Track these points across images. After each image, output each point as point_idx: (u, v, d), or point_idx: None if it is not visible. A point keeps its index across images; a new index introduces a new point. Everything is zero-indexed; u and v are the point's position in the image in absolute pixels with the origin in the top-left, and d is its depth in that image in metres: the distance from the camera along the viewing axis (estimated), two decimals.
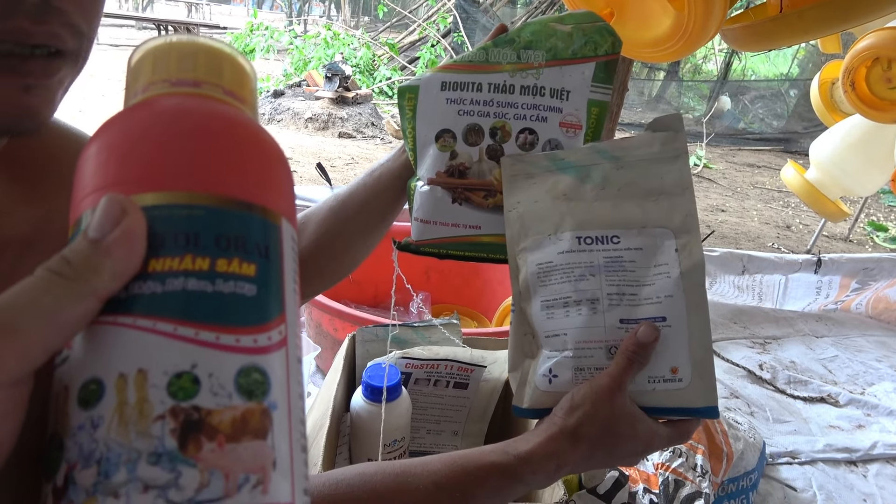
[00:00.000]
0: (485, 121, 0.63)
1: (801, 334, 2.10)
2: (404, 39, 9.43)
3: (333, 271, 0.78)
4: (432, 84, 0.65)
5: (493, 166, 0.64)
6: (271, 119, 4.94)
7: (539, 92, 0.62)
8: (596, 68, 0.62)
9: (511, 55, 0.63)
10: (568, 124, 0.62)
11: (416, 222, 0.66)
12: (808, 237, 3.52)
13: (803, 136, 6.94)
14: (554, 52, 0.62)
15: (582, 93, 0.62)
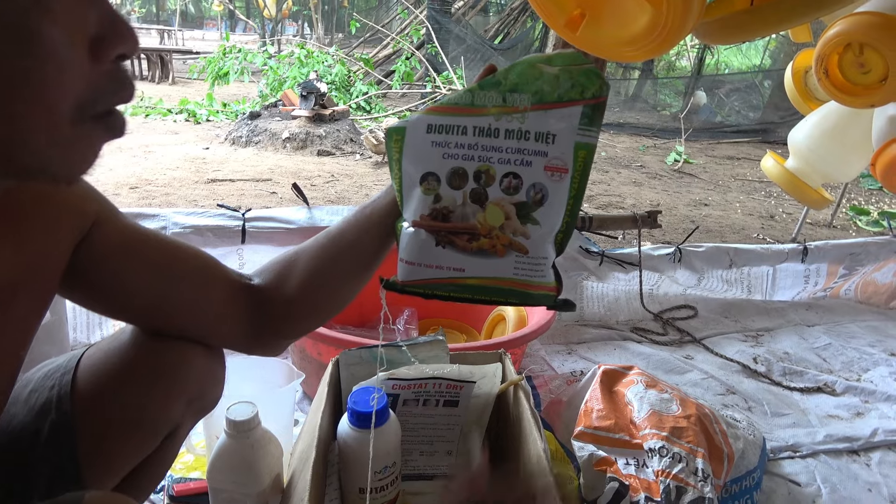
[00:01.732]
0: (469, 164, 0.63)
1: (793, 324, 2.09)
2: (379, 54, 9.44)
3: (328, 308, 0.78)
4: (419, 126, 0.65)
5: (476, 210, 0.64)
6: (248, 141, 4.89)
7: (524, 136, 0.62)
8: (583, 111, 0.61)
9: (497, 98, 0.63)
10: (553, 168, 0.62)
11: (401, 263, 0.68)
12: (793, 226, 3.52)
13: (780, 126, 7.00)
14: (540, 96, 0.62)
15: (568, 136, 0.61)
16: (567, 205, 0.63)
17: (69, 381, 0.67)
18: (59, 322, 1.37)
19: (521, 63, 0.63)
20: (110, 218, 0.64)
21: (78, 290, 0.64)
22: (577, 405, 1.21)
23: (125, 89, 0.44)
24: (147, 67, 8.96)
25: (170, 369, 0.68)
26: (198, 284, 0.69)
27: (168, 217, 1.63)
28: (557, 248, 0.65)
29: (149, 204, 3.12)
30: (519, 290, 0.65)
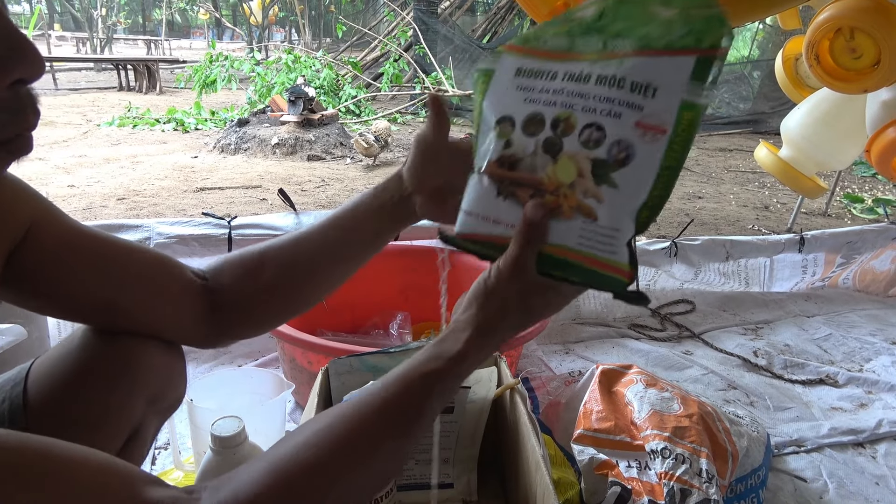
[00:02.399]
0: (549, 110, 0.55)
1: (792, 315, 2.07)
2: (366, 57, 9.41)
3: (295, 309, 0.75)
4: (507, 68, 0.59)
5: (547, 161, 0.55)
6: (238, 148, 4.85)
7: (618, 83, 0.52)
8: (696, 64, 0.50)
9: (597, 44, 0.54)
10: (648, 126, 0.51)
11: (461, 213, 0.61)
12: (787, 216, 3.50)
13: (771, 116, 7.00)
14: (646, 42, 0.52)
15: (673, 91, 0.50)
16: (659, 175, 0.51)
17: (20, 392, 0.64)
18: (41, 339, 1.33)
19: (632, 2, 0.54)
20: (49, 220, 0.62)
21: (20, 296, 0.62)
22: (576, 407, 1.17)
23: (25, 118, 0.41)
24: (134, 78, 8.90)
25: (124, 366, 0.66)
26: (144, 286, 0.67)
27: (152, 227, 1.60)
28: (638, 226, 0.53)
29: (136, 215, 3.08)
30: (582, 266, 0.53)
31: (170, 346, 0.71)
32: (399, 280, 1.68)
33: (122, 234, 1.54)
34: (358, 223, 0.70)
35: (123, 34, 19.33)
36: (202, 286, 0.70)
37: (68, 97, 8.01)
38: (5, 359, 1.13)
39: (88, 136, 5.39)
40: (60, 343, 0.69)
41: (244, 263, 0.71)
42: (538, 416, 1.30)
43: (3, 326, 1.12)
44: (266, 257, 0.70)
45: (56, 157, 4.39)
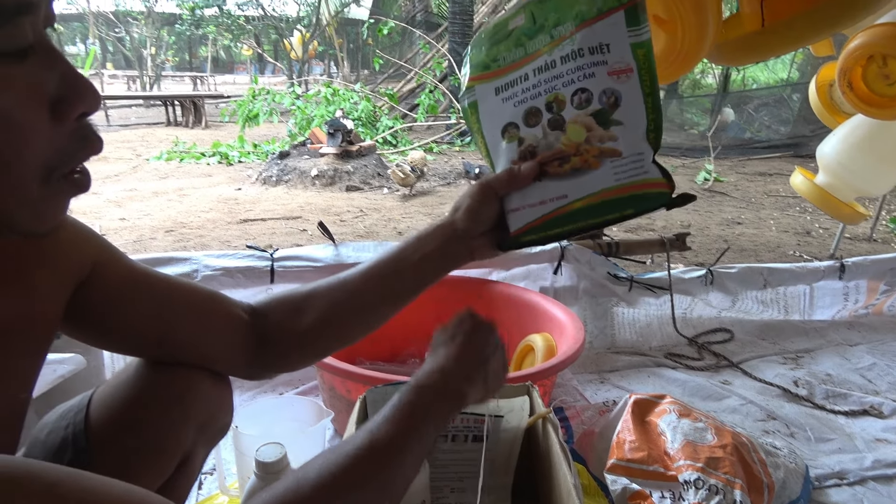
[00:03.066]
0: (538, 100, 0.66)
1: (834, 344, 2.02)
2: (403, 88, 9.60)
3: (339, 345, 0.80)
4: (487, 94, 0.70)
5: (558, 135, 0.65)
6: (279, 180, 5.00)
7: (578, 54, 0.64)
8: (626, 14, 0.62)
9: (545, 39, 0.66)
10: (617, 71, 0.63)
11: (509, 215, 0.69)
12: (830, 241, 3.44)
13: (812, 139, 6.87)
14: (582, 17, 0.64)
15: (621, 40, 0.63)
16: (645, 102, 0.63)
17: (82, 418, 0.69)
18: (97, 368, 1.40)
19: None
20: (111, 260, 0.67)
21: (82, 331, 0.67)
22: (609, 436, 1.18)
23: (91, 145, 0.46)
24: (181, 113, 9.27)
25: (177, 396, 0.70)
26: (196, 321, 0.71)
27: (199, 260, 1.67)
28: (653, 144, 0.64)
29: (183, 246, 3.20)
30: (628, 196, 0.64)
31: (218, 376, 0.76)
32: (435, 309, 1.72)
33: (172, 266, 1.62)
34: (399, 279, 0.74)
35: (171, 71, 20.13)
36: (250, 322, 0.74)
37: (119, 133, 8.38)
38: (65, 386, 1.20)
39: (138, 170, 5.63)
40: (118, 373, 0.74)
41: (292, 302, 0.75)
42: (572, 445, 1.31)
43: (64, 356, 1.19)
44: (312, 298, 0.74)
45: (108, 191, 4.59)
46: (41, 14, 0.42)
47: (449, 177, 5.46)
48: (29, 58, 0.41)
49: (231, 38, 18.46)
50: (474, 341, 0.69)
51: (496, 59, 0.70)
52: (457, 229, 0.72)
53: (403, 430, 0.59)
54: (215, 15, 15.84)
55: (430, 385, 0.64)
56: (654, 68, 0.63)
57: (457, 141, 7.45)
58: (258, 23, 16.58)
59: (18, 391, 0.58)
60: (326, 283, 0.75)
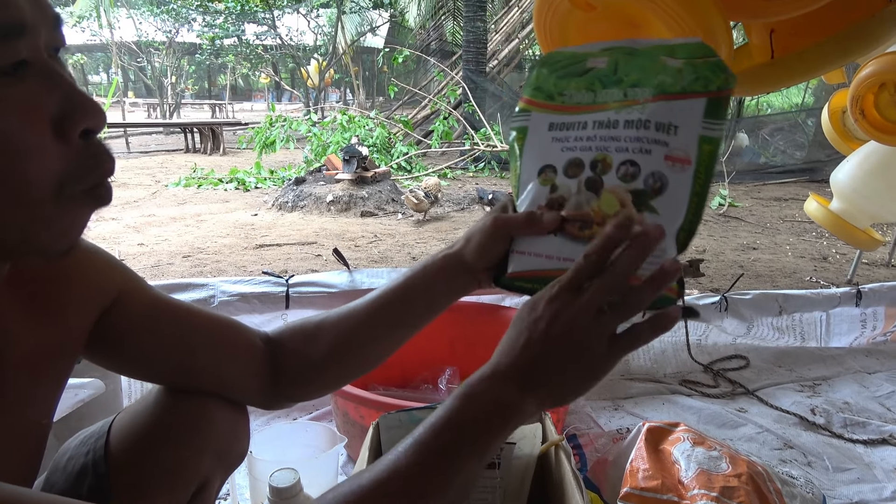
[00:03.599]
0: (586, 154, 0.63)
1: (852, 372, 2.00)
2: (417, 115, 9.72)
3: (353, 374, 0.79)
4: (541, 124, 0.67)
5: (591, 197, 0.62)
6: (294, 206, 5.06)
7: (644, 125, 0.60)
8: (707, 104, 0.59)
9: (618, 94, 0.63)
10: (675, 158, 0.59)
11: (512, 254, 0.66)
12: (847, 267, 3.41)
13: (827, 164, 6.84)
14: (662, 88, 0.60)
15: (691, 128, 0.59)
16: (690, 200, 0.59)
17: (102, 445, 0.70)
18: (114, 392, 1.42)
19: (641, 55, 0.62)
20: (134, 289, 0.68)
21: (103, 357, 0.68)
22: (623, 465, 1.18)
23: (103, 163, 0.46)
24: (200, 140, 9.44)
25: (196, 424, 0.71)
26: (215, 349, 0.72)
27: (217, 286, 1.70)
28: (679, 245, 0.59)
29: (200, 272, 3.24)
30: (633, 287, 0.57)
31: (236, 405, 0.77)
32: (447, 335, 1.73)
33: (190, 292, 1.65)
34: (406, 309, 0.73)
35: (191, 99, 20.55)
36: (267, 351, 0.75)
37: (139, 160, 8.55)
38: (84, 410, 1.22)
39: (157, 196, 5.73)
40: (138, 400, 0.75)
41: (305, 331, 0.76)
42: (586, 473, 1.30)
43: (84, 381, 1.21)
44: (323, 328, 0.74)
45: (127, 216, 4.68)
46: (39, 36, 0.43)
47: (463, 202, 5.49)
48: (27, 79, 0.42)
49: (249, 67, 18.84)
50: (555, 331, 0.53)
51: (563, 93, 0.67)
52: (464, 261, 0.70)
53: (430, 457, 0.51)
54: (234, 44, 16.19)
55: (476, 395, 0.54)
56: (713, 169, 0.59)
57: (470, 167, 7.51)
58: (276, 52, 16.91)
59: (41, 417, 0.59)
60: (336, 314, 0.75)
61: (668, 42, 0.62)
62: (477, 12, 8.87)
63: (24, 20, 0.42)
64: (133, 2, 14.73)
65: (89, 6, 13.63)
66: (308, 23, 15.57)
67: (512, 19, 10.98)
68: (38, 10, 0.43)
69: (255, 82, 26.06)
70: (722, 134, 0.59)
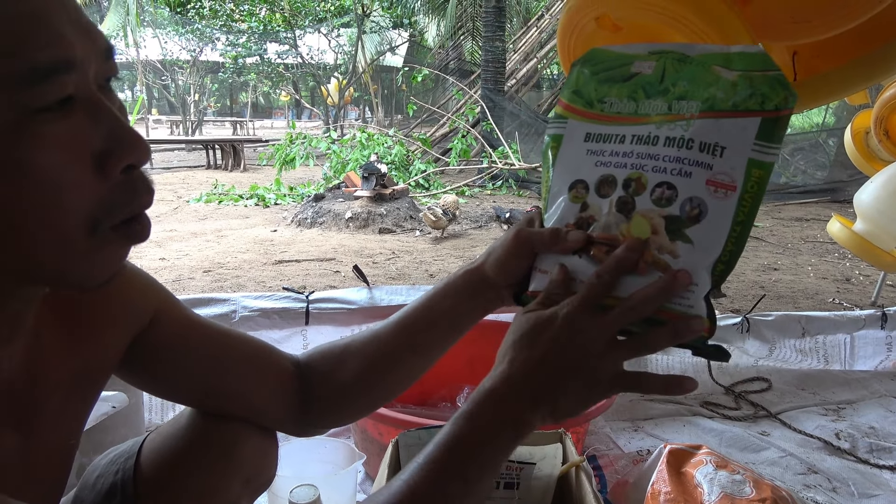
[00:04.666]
0: (620, 171, 0.57)
1: (878, 396, 1.96)
2: (436, 133, 9.79)
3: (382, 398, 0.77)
4: (576, 133, 0.62)
5: (621, 220, 0.56)
6: (314, 222, 5.11)
7: (686, 144, 0.54)
8: (761, 125, 0.52)
9: (662, 107, 0.57)
10: (718, 183, 0.53)
11: (535, 272, 0.63)
12: (871, 289, 3.35)
13: (849, 185, 6.76)
14: (711, 103, 0.54)
15: (741, 150, 0.53)
16: (732, 230, 0.53)
17: (132, 465, 0.70)
18: (136, 406, 1.44)
19: (693, 63, 0.56)
20: (170, 310, 0.68)
21: (135, 376, 0.68)
22: (644, 487, 1.17)
23: (140, 197, 0.46)
24: (221, 157, 9.58)
25: (226, 450, 0.71)
26: (248, 373, 0.72)
27: (238, 301, 1.72)
28: (715, 279, 0.54)
29: (220, 287, 3.27)
30: (659, 320, 0.54)
31: (266, 431, 0.76)
32: (466, 353, 1.72)
33: (212, 307, 1.67)
34: (429, 328, 0.71)
35: (213, 116, 20.90)
36: (297, 376, 0.74)
37: (162, 175, 8.69)
38: (106, 424, 1.23)
39: (178, 211, 5.81)
40: (170, 422, 0.75)
41: (333, 354, 0.75)
42: (605, 495, 1.29)
43: (107, 394, 1.23)
44: (349, 352, 0.73)
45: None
46: (89, 70, 0.43)
47: (480, 220, 5.50)
48: (73, 114, 0.42)
49: (270, 85, 19.15)
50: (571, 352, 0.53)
51: (604, 100, 0.61)
52: (485, 277, 0.67)
53: (443, 474, 0.52)
54: (256, 63, 16.48)
55: (481, 413, 0.54)
56: (761, 197, 0.53)
57: (488, 185, 7.53)
58: (296, 70, 17.18)
59: (69, 438, 0.59)
60: (361, 337, 0.74)
61: (725, 49, 0.56)
62: (496, 32, 8.97)
63: (73, 57, 0.41)
64: (159, 21, 15.07)
65: (116, 26, 13.96)
66: (329, 42, 15.82)
67: (530, 39, 11.06)
68: (88, 42, 0.43)
69: (275, 100, 26.44)
70: (776, 159, 0.53)
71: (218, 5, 14.89)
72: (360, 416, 0.81)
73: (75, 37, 0.41)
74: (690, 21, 1.06)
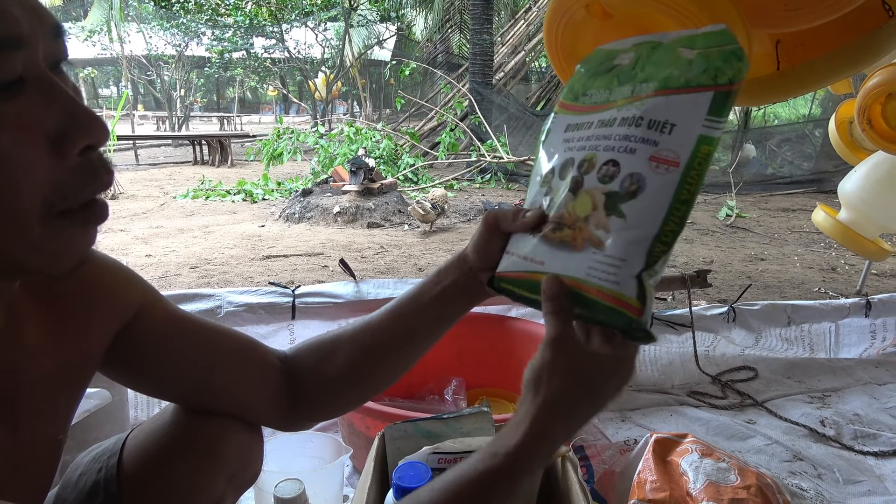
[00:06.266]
0: (579, 154, 0.59)
1: (862, 383, 1.98)
2: (424, 127, 9.76)
3: (368, 392, 0.77)
4: (559, 125, 0.64)
5: (569, 199, 0.58)
6: (301, 217, 5.08)
7: (636, 123, 0.55)
8: (713, 99, 0.51)
9: (627, 91, 0.58)
10: (661, 159, 0.52)
11: (504, 253, 0.64)
12: (856, 278, 3.38)
13: (835, 175, 6.82)
14: (666, 82, 0.54)
15: (691, 126, 0.52)
16: (672, 208, 0.52)
17: (115, 463, 0.69)
18: (121, 402, 1.43)
19: (662, 49, 0.57)
20: (154, 305, 0.67)
21: (120, 372, 0.67)
22: (630, 476, 1.17)
23: (98, 179, 0.44)
24: (208, 152, 9.51)
25: (211, 446, 0.70)
26: (234, 369, 0.71)
27: (223, 297, 1.70)
28: (649, 258, 0.52)
29: (207, 283, 3.25)
30: (591, 298, 0.53)
31: (252, 426, 0.75)
32: (454, 345, 1.72)
33: (197, 303, 1.65)
34: (420, 314, 0.70)
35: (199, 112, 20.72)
36: (284, 371, 0.73)
37: (148, 171, 8.61)
38: (90, 420, 1.22)
39: (165, 207, 5.76)
40: (153, 418, 0.74)
41: (321, 348, 0.74)
42: (593, 485, 1.29)
43: (91, 390, 1.22)
44: (339, 343, 0.72)
45: (136, 228, 4.71)
46: (38, 49, 0.41)
47: (469, 213, 5.50)
48: (24, 94, 0.40)
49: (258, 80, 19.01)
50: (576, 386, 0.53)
51: (587, 93, 0.63)
52: (469, 262, 0.68)
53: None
54: (243, 58, 16.34)
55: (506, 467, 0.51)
56: (705, 173, 0.52)
57: (477, 178, 7.53)
58: (284, 65, 17.05)
59: (57, 432, 0.59)
60: (352, 328, 0.73)
61: (693, 32, 0.56)
62: (483, 25, 8.93)
63: (20, 33, 0.40)
64: (143, 16, 14.90)
65: (100, 20, 13.81)
66: (316, 36, 15.71)
67: (518, 32, 11.04)
68: (36, 20, 0.41)
69: (263, 95, 26.26)
70: (720, 134, 0.52)
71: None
72: (348, 409, 0.80)
73: (22, 14, 0.40)
74: (683, 7, 1.05)
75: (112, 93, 23.43)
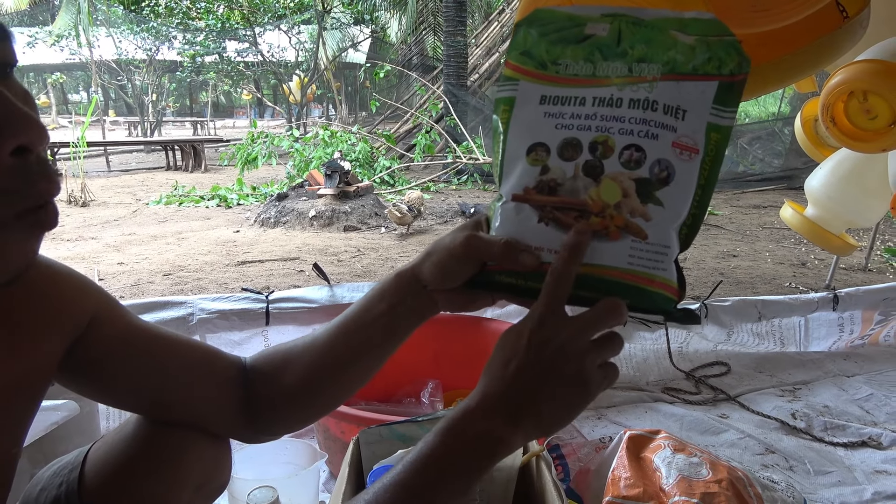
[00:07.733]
0: (585, 135, 0.56)
1: (832, 375, 2.02)
2: (400, 129, 9.76)
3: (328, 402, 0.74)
4: (530, 96, 0.59)
5: (589, 184, 0.55)
6: (277, 222, 5.04)
7: (651, 106, 0.54)
8: (719, 88, 0.53)
9: (622, 69, 0.56)
10: (683, 146, 0.53)
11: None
12: (825, 272, 3.45)
13: (804, 172, 6.92)
14: (672, 66, 0.54)
15: (700, 113, 0.54)
16: (696, 193, 0.54)
17: (76, 477, 0.67)
18: (90, 414, 1.40)
19: (648, 27, 0.56)
20: (109, 314, 0.65)
21: (78, 384, 0.66)
22: (605, 474, 1.18)
23: (37, 184, 0.42)
24: (181, 158, 9.39)
25: (173, 457, 0.68)
26: (190, 381, 0.69)
27: (195, 304, 1.68)
28: (681, 243, 0.55)
29: (181, 290, 3.21)
30: (633, 285, 0.54)
31: (216, 436, 0.73)
32: (430, 348, 1.72)
33: (168, 311, 1.63)
34: (366, 331, 0.67)
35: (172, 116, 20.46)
36: (241, 385, 0.71)
37: (120, 178, 8.47)
38: (58, 433, 1.20)
39: (138, 214, 5.68)
40: (115, 430, 0.72)
41: (276, 358, 0.72)
42: (569, 483, 1.30)
43: (57, 402, 1.19)
44: (290, 357, 0.70)
45: (107, 235, 4.63)
46: None
47: (446, 215, 5.51)
48: None
49: (231, 84, 18.82)
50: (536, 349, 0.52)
51: (557, 61, 0.58)
52: (420, 279, 0.63)
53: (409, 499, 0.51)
54: (215, 62, 16.17)
55: (461, 431, 0.52)
56: (720, 161, 0.54)
57: (453, 180, 7.54)
58: (257, 68, 16.92)
59: (10, 447, 0.57)
60: (302, 342, 0.71)
61: (678, 15, 0.55)
62: (457, 27, 8.96)
63: None
64: (112, 20, 14.67)
65: (68, 25, 13.57)
66: (289, 39, 15.61)
67: (492, 33, 11.09)
68: None
69: (236, 99, 26.03)
70: (732, 123, 0.54)
71: (174, 3, 14.55)
72: (310, 421, 0.77)
73: None
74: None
75: (82, 98, 23.04)
